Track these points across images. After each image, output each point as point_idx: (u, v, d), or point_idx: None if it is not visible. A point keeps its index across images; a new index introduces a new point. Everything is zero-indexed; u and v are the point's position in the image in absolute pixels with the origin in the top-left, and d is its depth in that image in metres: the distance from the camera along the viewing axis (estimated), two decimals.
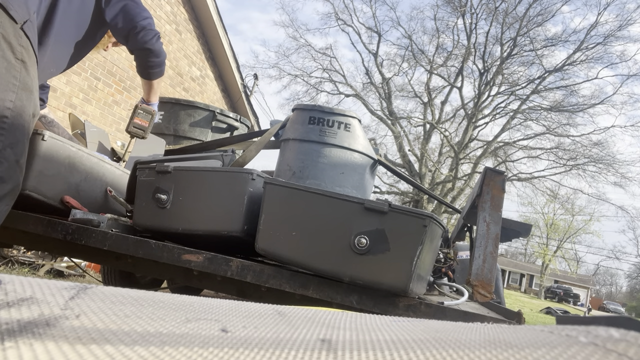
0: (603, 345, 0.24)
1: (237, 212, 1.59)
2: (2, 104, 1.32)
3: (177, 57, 7.46)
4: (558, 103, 18.60)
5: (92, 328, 0.28)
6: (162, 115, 2.88)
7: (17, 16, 1.32)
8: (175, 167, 1.73)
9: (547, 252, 36.20)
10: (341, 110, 2.25)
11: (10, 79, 1.34)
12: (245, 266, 1.53)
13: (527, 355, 0.25)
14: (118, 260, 1.79)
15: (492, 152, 19.15)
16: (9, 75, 1.33)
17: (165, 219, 1.71)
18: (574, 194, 21.93)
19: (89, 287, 0.39)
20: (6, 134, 1.34)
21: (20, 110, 1.38)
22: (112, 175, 2.06)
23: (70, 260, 3.88)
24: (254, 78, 10.46)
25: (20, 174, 1.40)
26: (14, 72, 1.34)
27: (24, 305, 0.31)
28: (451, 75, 19.87)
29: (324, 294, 1.48)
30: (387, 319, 0.40)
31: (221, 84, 8.99)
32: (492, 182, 1.83)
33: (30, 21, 1.38)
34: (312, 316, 0.38)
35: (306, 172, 2.17)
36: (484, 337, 0.30)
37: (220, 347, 0.27)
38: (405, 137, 19.76)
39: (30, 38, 1.38)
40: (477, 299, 1.66)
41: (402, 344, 0.29)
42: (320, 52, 20.30)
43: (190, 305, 0.38)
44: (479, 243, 1.72)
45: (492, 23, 18.39)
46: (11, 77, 1.34)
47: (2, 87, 1.32)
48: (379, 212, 1.38)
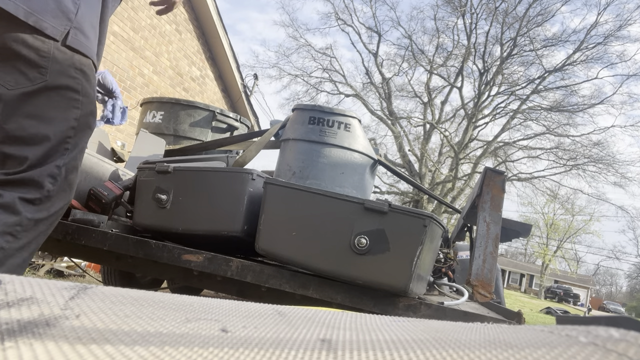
0: (603, 345, 0.24)
1: (237, 212, 1.59)
2: (68, 123, 1.27)
3: (177, 57, 7.46)
4: (558, 103, 18.60)
5: (92, 328, 0.28)
6: (162, 115, 2.88)
7: (54, 32, 1.22)
8: (175, 167, 1.73)
9: (547, 252, 36.20)
10: (341, 110, 2.25)
11: (72, 95, 1.28)
12: (245, 266, 1.53)
13: (527, 355, 0.25)
14: (118, 260, 1.79)
15: (492, 152, 19.15)
16: (70, 92, 1.27)
17: (165, 219, 1.71)
18: (574, 194, 21.97)
19: (89, 287, 0.39)
20: (69, 153, 1.29)
21: (84, 127, 1.33)
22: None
23: (70, 260, 3.88)
24: (254, 78, 10.46)
25: (70, 194, 1.34)
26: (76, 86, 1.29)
27: (24, 305, 0.31)
28: (451, 75, 19.88)
29: (324, 294, 1.48)
30: (387, 319, 0.40)
31: (221, 84, 8.99)
32: (492, 182, 1.83)
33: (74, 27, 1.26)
34: (312, 316, 0.38)
35: (306, 172, 2.17)
36: (484, 337, 0.30)
37: (220, 347, 0.27)
38: (405, 137, 19.77)
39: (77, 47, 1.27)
40: (477, 299, 1.66)
41: (402, 344, 0.29)
42: (320, 52, 20.32)
43: (190, 305, 0.38)
44: (479, 243, 1.72)
45: (492, 23, 18.40)
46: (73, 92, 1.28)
47: (65, 104, 1.26)
48: (379, 212, 1.38)
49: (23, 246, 1.20)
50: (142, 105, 3.07)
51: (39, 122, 1.22)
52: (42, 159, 1.23)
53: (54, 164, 1.25)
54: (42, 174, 1.23)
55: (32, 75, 1.20)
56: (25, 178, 1.21)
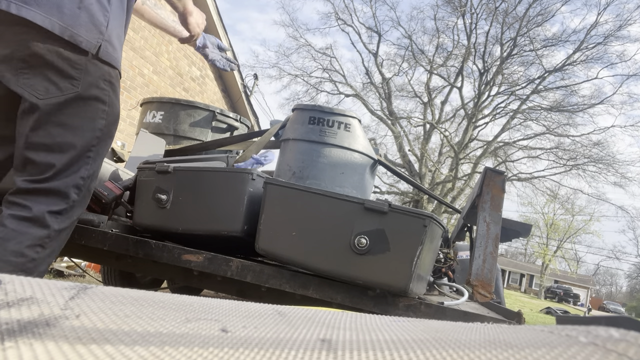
0: (603, 345, 0.24)
1: (237, 212, 1.59)
2: (93, 133, 1.31)
3: (177, 57, 7.46)
4: (558, 103, 18.60)
5: (92, 328, 0.28)
6: (162, 115, 2.88)
7: (88, 46, 1.25)
8: (175, 167, 1.73)
9: (547, 252, 36.20)
10: (341, 110, 2.25)
11: (100, 106, 1.32)
12: (245, 266, 1.53)
13: (527, 355, 0.25)
14: (118, 260, 1.79)
15: (492, 152, 19.15)
16: (98, 103, 1.32)
17: (165, 219, 1.71)
18: (574, 194, 21.97)
19: (89, 287, 0.39)
20: (92, 162, 1.33)
21: (107, 136, 1.37)
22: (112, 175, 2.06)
23: (70, 260, 3.88)
24: (254, 78, 10.46)
25: (88, 200, 1.39)
26: (104, 97, 1.33)
27: (24, 305, 0.31)
28: (451, 75, 19.88)
29: (324, 294, 1.48)
30: (387, 319, 0.40)
31: (221, 84, 8.99)
32: (492, 182, 1.83)
33: (105, 39, 1.30)
34: (312, 316, 0.38)
35: (306, 172, 2.17)
36: (484, 337, 0.30)
37: (220, 347, 0.27)
38: (405, 137, 19.77)
39: (107, 59, 1.31)
40: (477, 299, 1.66)
41: (402, 344, 0.29)
42: (320, 52, 20.31)
43: (190, 305, 0.38)
44: (479, 243, 1.72)
45: (492, 23, 18.40)
46: (101, 103, 1.32)
47: (93, 114, 1.30)
48: (379, 212, 1.38)
49: (50, 254, 1.27)
50: (142, 105, 3.06)
51: (66, 130, 1.26)
52: (66, 166, 1.27)
53: (78, 174, 1.30)
54: (68, 185, 1.28)
55: (64, 85, 1.24)
56: (52, 188, 1.26)
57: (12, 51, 1.20)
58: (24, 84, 1.21)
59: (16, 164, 1.27)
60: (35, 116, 1.23)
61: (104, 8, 1.30)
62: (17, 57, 1.20)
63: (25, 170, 1.25)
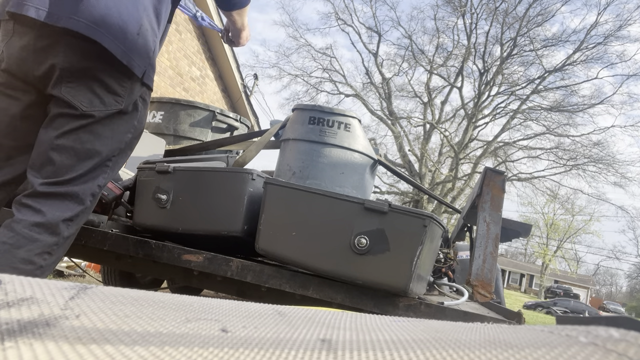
0: (603, 345, 0.24)
1: (237, 212, 1.59)
2: (119, 145, 1.34)
3: (177, 57, 7.46)
4: (558, 103, 18.60)
5: (92, 328, 0.28)
6: (162, 115, 2.88)
7: (139, 71, 1.31)
8: (175, 167, 1.73)
9: (547, 252, 36.21)
10: (341, 110, 2.25)
11: (132, 122, 1.36)
12: (245, 266, 1.53)
13: (527, 355, 0.25)
14: (118, 260, 1.79)
15: (492, 152, 19.15)
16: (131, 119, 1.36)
17: (165, 219, 1.71)
18: (574, 194, 21.98)
19: (89, 287, 0.39)
20: (109, 171, 1.36)
21: (128, 149, 1.41)
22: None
23: (70, 260, 3.88)
24: (254, 78, 10.46)
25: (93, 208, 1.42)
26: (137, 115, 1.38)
27: (24, 305, 0.31)
28: (451, 75, 19.88)
29: (324, 294, 1.48)
30: (387, 319, 0.40)
31: (221, 84, 8.99)
32: (492, 182, 1.83)
33: (150, 63, 1.36)
34: (312, 316, 0.38)
35: (306, 172, 2.17)
36: (484, 337, 0.30)
37: (220, 347, 0.27)
38: (405, 137, 19.77)
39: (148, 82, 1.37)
40: (477, 299, 1.66)
41: (402, 344, 0.29)
42: (320, 52, 20.32)
43: (190, 305, 0.38)
44: (479, 243, 1.72)
45: (492, 23, 18.40)
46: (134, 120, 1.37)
47: (124, 128, 1.34)
48: (379, 212, 1.38)
49: (55, 260, 1.28)
50: None
51: (97, 138, 1.29)
52: (88, 172, 1.29)
53: (96, 182, 1.32)
54: (86, 191, 1.30)
55: (108, 101, 1.28)
56: (69, 192, 1.26)
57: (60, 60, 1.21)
58: (66, 92, 1.23)
59: (33, 164, 1.27)
60: (71, 122, 1.25)
61: (154, 34, 1.36)
62: (64, 67, 1.22)
63: (43, 171, 1.25)
